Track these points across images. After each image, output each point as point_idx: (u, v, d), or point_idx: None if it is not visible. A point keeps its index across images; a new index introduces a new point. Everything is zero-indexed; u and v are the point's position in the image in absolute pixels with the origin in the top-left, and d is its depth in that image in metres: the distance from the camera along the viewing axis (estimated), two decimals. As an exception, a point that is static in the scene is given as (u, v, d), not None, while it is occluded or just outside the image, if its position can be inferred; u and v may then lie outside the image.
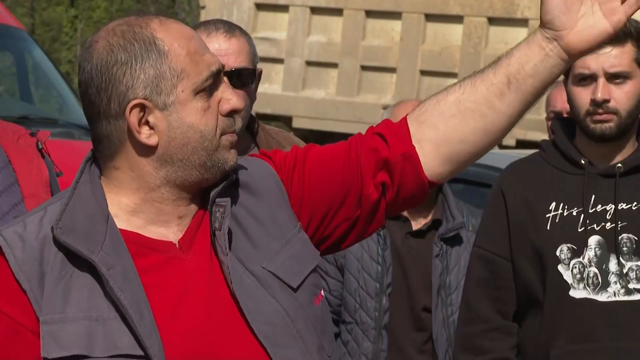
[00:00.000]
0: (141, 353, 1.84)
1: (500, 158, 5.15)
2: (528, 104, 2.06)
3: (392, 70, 11.36)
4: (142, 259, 1.92)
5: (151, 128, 1.94)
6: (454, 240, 3.84)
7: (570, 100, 3.12)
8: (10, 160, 3.09)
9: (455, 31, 11.06)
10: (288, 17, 11.95)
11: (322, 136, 11.24)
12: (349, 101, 10.74)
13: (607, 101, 3.02)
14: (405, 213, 3.84)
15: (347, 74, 11.58)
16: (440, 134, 2.05)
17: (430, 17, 11.20)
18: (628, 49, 3.03)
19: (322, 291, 2.04)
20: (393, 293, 3.78)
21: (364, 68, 11.49)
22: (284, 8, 11.96)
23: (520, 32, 10.76)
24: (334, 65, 11.68)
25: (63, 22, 34.77)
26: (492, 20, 10.90)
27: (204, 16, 12.55)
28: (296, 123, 11.69)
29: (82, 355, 1.84)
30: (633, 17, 3.10)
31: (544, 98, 12.13)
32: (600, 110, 3.02)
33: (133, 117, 1.93)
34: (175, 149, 1.94)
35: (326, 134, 11.28)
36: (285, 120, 11.69)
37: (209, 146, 1.94)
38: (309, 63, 11.82)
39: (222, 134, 1.96)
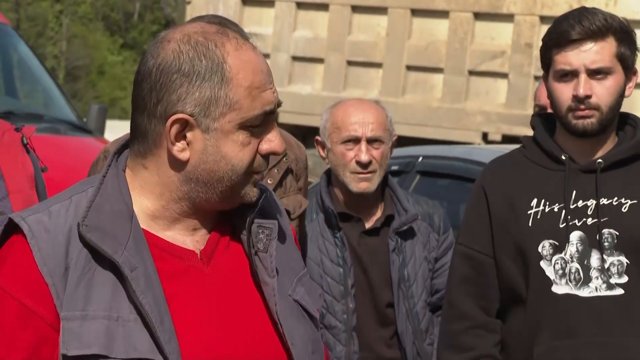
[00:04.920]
0: (160, 358, 1.83)
1: (486, 153, 5.16)
2: None
3: (378, 65, 11.37)
4: (162, 263, 1.91)
5: (187, 144, 1.92)
6: (407, 233, 3.84)
7: (550, 96, 3.11)
8: None
9: (441, 26, 11.07)
10: (274, 12, 11.95)
11: (309, 132, 11.24)
12: (335, 96, 10.73)
13: (588, 97, 3.02)
14: (355, 213, 3.84)
15: (333, 69, 11.58)
16: None
17: (416, 12, 11.20)
18: (609, 44, 3.03)
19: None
20: (357, 293, 3.78)
21: (350, 63, 11.49)
22: (269, 3, 11.95)
23: (506, 28, 10.78)
24: (320, 60, 11.68)
25: (48, 17, 34.65)
26: (478, 16, 10.91)
27: (189, 11, 12.52)
28: (282, 118, 11.69)
29: (101, 355, 1.82)
30: (619, 14, 3.10)
31: (530, 93, 12.16)
32: (582, 106, 3.02)
33: (174, 128, 1.91)
34: (203, 171, 1.92)
35: (312, 130, 11.28)
36: (271, 116, 11.68)
37: (236, 180, 1.93)
38: (295, 58, 11.82)
39: (253, 172, 1.95)
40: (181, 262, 1.93)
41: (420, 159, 5.46)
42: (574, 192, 3.07)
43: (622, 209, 3.04)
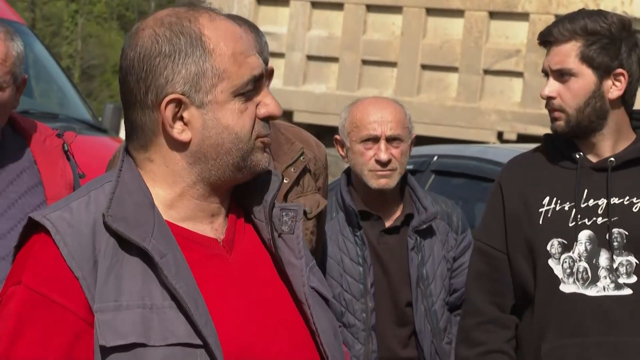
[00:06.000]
0: (199, 342, 1.82)
1: (501, 152, 5.15)
2: None
3: (392, 64, 11.36)
4: (189, 251, 1.90)
5: (185, 124, 1.91)
6: (427, 232, 3.84)
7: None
8: (36, 161, 3.09)
9: (456, 25, 11.06)
10: (289, 11, 11.95)
11: (323, 131, 11.24)
12: (349, 95, 10.73)
13: (551, 98, 3.06)
14: (375, 211, 3.85)
15: (348, 68, 11.58)
16: None
17: (431, 11, 11.19)
18: (572, 45, 3.04)
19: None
20: (376, 292, 3.78)
21: (364, 62, 11.49)
22: (284, 2, 11.96)
23: (521, 26, 10.77)
24: (334, 59, 11.68)
25: (64, 16, 34.74)
26: (493, 14, 10.89)
27: (204, 10, 12.53)
28: (297, 117, 11.69)
29: (139, 344, 1.81)
30: (635, 13, 3.08)
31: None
32: (549, 107, 3.08)
33: (168, 111, 1.89)
34: (208, 147, 1.91)
35: (327, 129, 11.28)
36: (286, 115, 11.69)
37: (244, 148, 1.92)
38: (310, 57, 11.82)
39: (257, 137, 1.94)
40: (206, 249, 1.93)
41: (435, 158, 5.45)
42: (586, 190, 3.07)
43: (633, 209, 3.04)
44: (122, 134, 8.18)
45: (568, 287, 3.03)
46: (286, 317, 1.94)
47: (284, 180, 3.39)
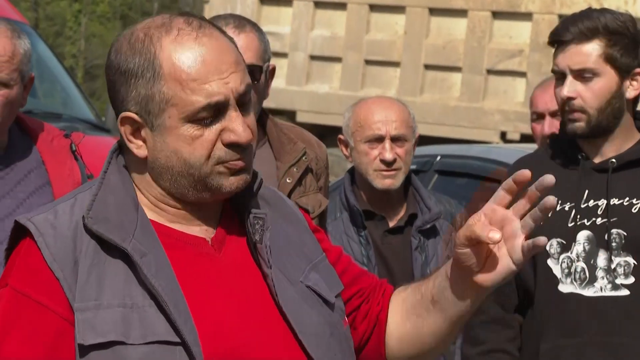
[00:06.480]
0: (178, 340, 1.82)
1: (504, 152, 5.15)
2: (455, 324, 2.05)
3: (396, 64, 11.36)
4: (173, 250, 1.90)
5: (143, 141, 1.90)
6: (430, 232, 3.84)
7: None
8: (44, 161, 3.09)
9: (459, 25, 11.06)
10: (292, 11, 11.95)
11: (326, 130, 11.24)
12: (352, 95, 10.73)
13: (571, 99, 3.03)
14: (379, 211, 3.84)
15: (351, 68, 11.57)
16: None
17: (434, 11, 11.19)
18: (595, 45, 3.02)
19: (346, 317, 2.07)
20: None
21: (367, 62, 11.49)
22: (287, 2, 11.96)
23: (524, 26, 10.76)
24: (337, 59, 11.68)
25: (67, 16, 34.76)
26: (496, 14, 10.89)
27: (207, 10, 12.54)
28: (300, 117, 11.69)
29: (118, 342, 1.82)
30: (638, 13, 3.08)
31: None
32: (567, 108, 3.04)
33: (126, 127, 1.90)
34: (161, 168, 1.90)
35: (330, 128, 11.28)
36: (289, 115, 11.70)
37: (196, 173, 1.89)
38: (313, 57, 11.82)
39: (217, 163, 1.89)
40: (193, 248, 1.93)
41: (438, 158, 5.45)
42: (586, 191, 3.06)
43: (633, 210, 3.04)
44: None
45: (566, 287, 3.03)
46: (269, 317, 1.93)
47: (287, 180, 3.40)
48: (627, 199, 3.04)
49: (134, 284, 1.85)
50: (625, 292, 3.00)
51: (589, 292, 3.02)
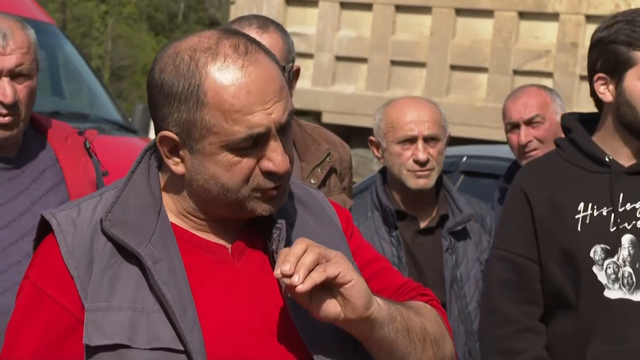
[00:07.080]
0: (181, 348, 1.82)
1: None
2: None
3: (422, 65, 11.34)
4: (191, 256, 1.91)
5: (181, 159, 1.90)
6: (461, 233, 3.83)
7: (633, 97, 3.02)
8: (58, 159, 3.10)
9: (486, 26, 11.03)
10: (317, 12, 11.96)
11: (352, 131, 11.24)
12: (378, 96, 10.73)
13: None
14: (411, 212, 3.84)
15: (377, 69, 11.57)
16: None
17: (460, 12, 11.17)
18: None
19: None
20: None
21: (393, 63, 11.48)
22: (313, 3, 11.96)
23: (551, 27, 10.72)
24: (363, 60, 11.68)
25: (94, 17, 34.94)
26: (523, 15, 10.85)
27: (233, 11, 12.57)
28: (325, 118, 11.69)
29: (123, 345, 1.83)
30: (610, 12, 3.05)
31: (576, 92, 12.00)
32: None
33: (164, 144, 1.90)
34: (198, 188, 1.91)
35: (356, 129, 11.28)
36: (314, 115, 11.70)
37: (232, 197, 1.90)
38: (339, 58, 11.82)
39: (255, 189, 1.89)
40: (212, 256, 1.93)
41: (465, 158, 5.44)
42: (621, 194, 3.03)
43: None
44: (152, 135, 8.21)
45: (613, 293, 2.98)
46: (280, 328, 1.92)
47: (312, 181, 3.40)
48: None
49: (146, 289, 1.86)
50: None
51: (637, 297, 2.99)
